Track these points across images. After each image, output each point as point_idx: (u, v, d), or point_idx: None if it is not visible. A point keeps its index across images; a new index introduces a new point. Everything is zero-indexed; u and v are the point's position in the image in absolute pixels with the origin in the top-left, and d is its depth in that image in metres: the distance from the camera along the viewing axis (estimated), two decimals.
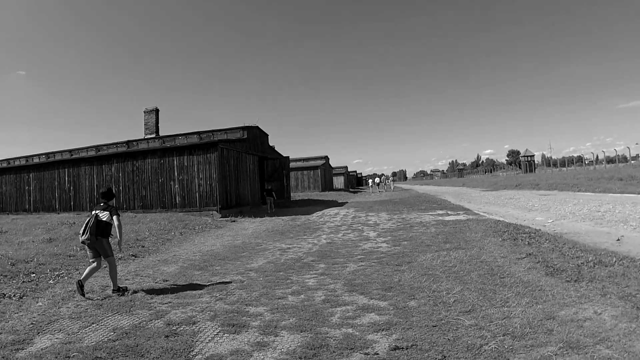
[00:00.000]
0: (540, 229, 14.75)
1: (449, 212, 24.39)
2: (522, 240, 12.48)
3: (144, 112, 39.00)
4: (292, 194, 54.62)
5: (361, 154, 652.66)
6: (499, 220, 18.07)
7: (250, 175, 34.62)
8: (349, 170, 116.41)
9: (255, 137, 36.87)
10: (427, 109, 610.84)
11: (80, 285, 9.01)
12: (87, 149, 39.59)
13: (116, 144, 38.26)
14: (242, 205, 31.63)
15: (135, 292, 9.20)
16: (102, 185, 31.19)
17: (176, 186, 28.88)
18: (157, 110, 38.97)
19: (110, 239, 9.74)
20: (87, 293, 9.15)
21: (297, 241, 16.16)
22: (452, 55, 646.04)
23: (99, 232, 9.36)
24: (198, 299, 8.37)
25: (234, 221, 25.66)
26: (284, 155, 44.44)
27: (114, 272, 9.46)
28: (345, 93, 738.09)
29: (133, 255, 14.14)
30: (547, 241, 12.00)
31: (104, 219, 9.45)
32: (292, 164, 65.87)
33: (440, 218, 21.15)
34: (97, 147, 38.81)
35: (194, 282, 9.98)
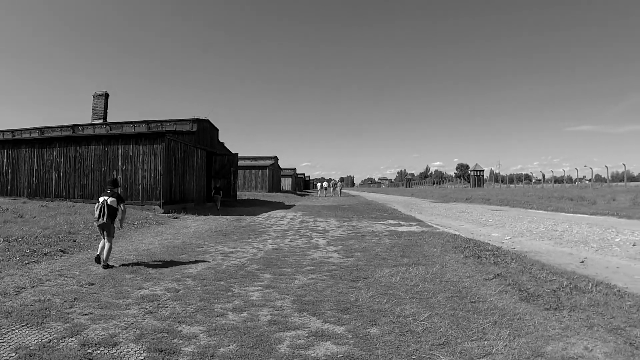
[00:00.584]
0: (500, 246, 14.08)
1: (401, 222, 23.59)
2: (486, 258, 11.68)
3: (93, 96, 37.26)
4: (239, 193, 53.57)
5: (310, 156, 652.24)
6: (455, 235, 17.43)
7: (197, 171, 33.17)
8: (297, 172, 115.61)
9: (205, 131, 35.51)
10: (379, 118, 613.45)
11: (97, 259, 11.27)
12: (30, 130, 37.55)
13: (61, 127, 36.43)
14: (186, 201, 30.30)
15: (120, 265, 10.92)
16: (42, 169, 30.07)
17: (119, 176, 27.23)
18: (107, 95, 37.31)
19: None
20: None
21: (241, 244, 15.00)
22: (407, 67, 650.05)
23: (109, 216, 11.36)
24: (124, 311, 7.18)
25: (176, 218, 24.39)
26: (233, 152, 43.12)
27: (109, 250, 11.19)
28: (297, 94, 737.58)
29: (61, 251, 12.80)
30: (514, 261, 11.29)
31: (113, 205, 11.48)
32: (240, 162, 64.41)
33: (393, 228, 20.29)
34: (41, 129, 36.84)
35: (124, 287, 8.75)
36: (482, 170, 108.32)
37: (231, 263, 11.52)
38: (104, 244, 11.07)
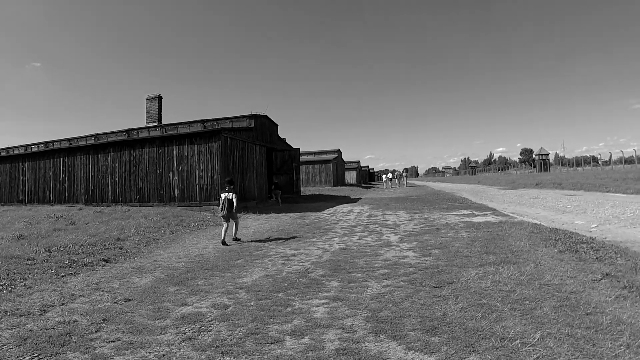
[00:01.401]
0: (595, 237, 12.28)
1: (474, 212, 21.93)
2: (585, 252, 9.99)
3: (147, 99, 36.82)
4: (302, 189, 52.16)
5: (373, 149, 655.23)
6: (537, 224, 15.67)
7: (256, 168, 31.92)
8: (361, 165, 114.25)
9: (263, 127, 34.27)
10: (440, 107, 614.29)
11: (224, 242, 14.49)
12: (85, 137, 37.34)
13: (116, 132, 35.99)
14: (247, 200, 29.05)
15: (166, 276, 10.10)
16: (97, 175, 29.71)
17: (175, 178, 26.44)
18: (160, 98, 36.78)
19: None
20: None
21: (304, 245, 13.63)
22: (467, 54, 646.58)
23: (230, 207, 15.22)
24: (159, 336, 5.90)
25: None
26: (295, 147, 41.78)
27: (237, 227, 15.85)
28: (358, 89, 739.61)
29: (104, 260, 11.74)
30: (619, 255, 9.46)
31: (232, 199, 15.25)
32: (303, 157, 63.92)
33: (468, 219, 18.70)
34: (96, 136, 36.70)
35: (164, 303, 7.48)
36: (547, 154, 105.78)
37: (293, 268, 10.14)
38: (227, 227, 15.00)
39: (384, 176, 79.59)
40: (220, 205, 15.33)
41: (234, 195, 15.26)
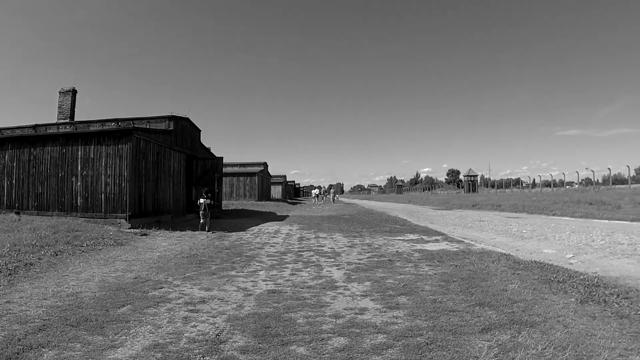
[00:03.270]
0: (599, 276, 9.73)
1: (423, 236, 19.20)
2: (618, 304, 7.45)
3: (60, 92, 32.74)
4: (225, 202, 49.20)
5: (299, 164, 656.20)
6: (510, 255, 13.17)
7: (174, 177, 28.38)
8: (287, 180, 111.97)
9: (184, 131, 30.66)
10: (367, 124, 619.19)
11: (206, 230, 22.20)
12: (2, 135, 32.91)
13: (21, 127, 31.85)
14: (160, 213, 25.59)
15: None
16: None
17: (78, 183, 22.67)
18: (74, 91, 32.73)
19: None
20: None
21: (219, 282, 10.16)
22: (396, 72, 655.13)
23: (208, 209, 22.77)
24: None
25: (145, 234, 19.72)
26: (218, 156, 38.01)
27: (208, 223, 22.73)
28: (285, 100, 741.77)
29: None
30: None
31: (209, 203, 23.00)
32: (227, 169, 61.40)
33: (420, 246, 15.92)
34: (1, 131, 32.30)
35: None
36: (476, 176, 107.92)
37: (198, 330, 6.70)
38: (204, 222, 22.35)
39: (312, 192, 78.78)
40: (202, 208, 22.61)
41: (210, 200, 23.32)
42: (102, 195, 22.19)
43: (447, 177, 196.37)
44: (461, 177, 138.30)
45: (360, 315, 7.35)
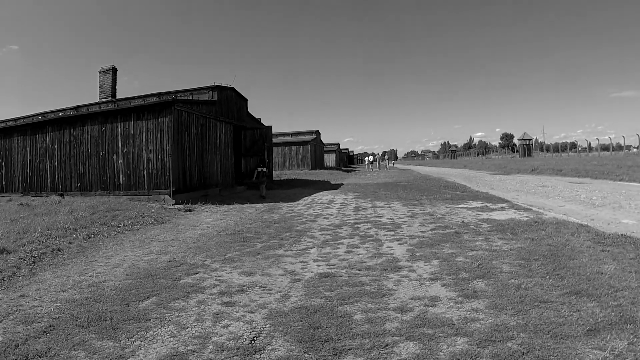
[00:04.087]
0: None
1: (487, 204, 17.64)
2: None
3: (99, 72, 31.95)
4: (278, 172, 48.67)
5: (352, 132, 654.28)
6: (589, 227, 11.55)
7: (221, 148, 27.13)
8: (340, 147, 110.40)
9: (229, 101, 29.31)
10: (420, 89, 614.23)
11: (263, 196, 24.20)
12: (31, 117, 32.16)
13: (64, 109, 31.10)
14: (208, 186, 24.47)
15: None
16: (35, 159, 24.98)
17: (120, 161, 21.70)
18: (114, 70, 31.86)
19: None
20: None
21: (264, 264, 8.86)
22: (447, 38, 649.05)
23: (263, 176, 25.05)
24: None
25: (190, 210, 18.55)
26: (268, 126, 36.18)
27: (264, 188, 25.00)
28: (337, 69, 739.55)
29: None
30: None
31: (264, 170, 25.38)
32: (279, 139, 61.13)
33: (486, 216, 14.42)
34: (43, 115, 31.51)
35: None
36: (531, 139, 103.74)
37: (229, 332, 5.39)
38: (263, 187, 25.01)
39: (366, 159, 77.28)
40: (255, 176, 25.55)
41: (265, 168, 25.91)
42: (145, 172, 21.16)
43: (500, 142, 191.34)
44: (515, 141, 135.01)
45: (432, 307, 5.92)
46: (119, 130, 21.81)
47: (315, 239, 11.41)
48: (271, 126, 34.37)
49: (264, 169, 25.96)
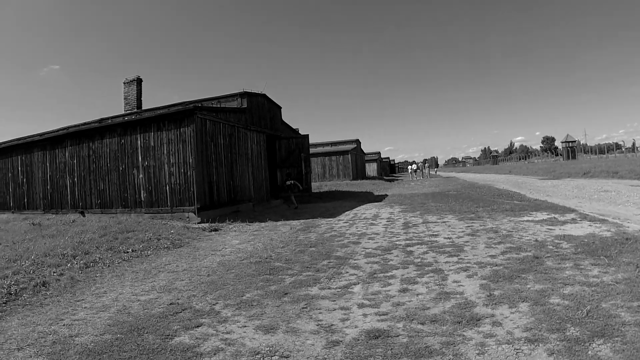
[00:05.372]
0: None
1: (554, 215, 15.28)
2: None
3: (124, 83, 30.53)
4: (317, 184, 46.76)
5: (392, 141, 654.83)
6: None
7: (252, 160, 24.84)
8: (381, 156, 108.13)
9: (261, 109, 26.98)
10: (459, 97, 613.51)
11: (295, 206, 25.28)
12: (53, 132, 30.59)
13: (88, 122, 29.43)
14: (238, 201, 22.30)
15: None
16: (55, 175, 23.45)
17: (140, 176, 19.77)
18: (139, 80, 30.34)
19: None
20: None
21: (291, 313, 6.56)
22: (483, 42, 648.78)
23: (294, 188, 26.32)
24: None
25: (216, 230, 16.31)
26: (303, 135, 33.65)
27: (294, 198, 26.05)
28: (375, 77, 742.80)
29: None
30: None
31: (294, 183, 26.24)
32: (318, 149, 59.51)
33: (560, 231, 12.12)
34: (67, 129, 29.94)
35: None
36: (574, 141, 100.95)
37: None
38: (293, 197, 26.21)
39: (409, 167, 75.76)
40: (286, 189, 26.57)
41: (293, 181, 26.54)
42: (167, 187, 19.15)
43: (542, 145, 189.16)
44: (557, 143, 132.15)
45: None
46: (139, 142, 19.93)
47: (360, 270, 9.07)
48: (308, 135, 32.16)
49: (292, 182, 27.50)
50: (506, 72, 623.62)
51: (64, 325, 6.52)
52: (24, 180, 25.59)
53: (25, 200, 25.51)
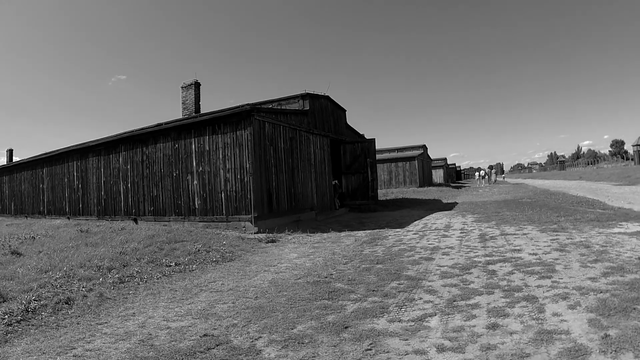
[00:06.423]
0: None
1: None
2: None
3: (182, 87, 29.66)
4: (384, 191, 45.82)
5: (458, 147, 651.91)
6: None
7: (316, 166, 23.56)
8: (447, 163, 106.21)
9: (324, 111, 25.76)
10: (524, 100, 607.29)
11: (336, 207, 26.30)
12: (108, 137, 30.31)
13: (147, 127, 28.76)
14: (300, 210, 21.03)
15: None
16: (109, 181, 23.14)
17: (194, 182, 18.87)
18: (197, 84, 29.38)
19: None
20: None
21: (348, 356, 5.21)
22: (545, 45, 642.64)
23: (336, 194, 26.49)
24: None
25: (273, 241, 15.06)
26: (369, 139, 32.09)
27: (334, 201, 26.11)
28: (440, 82, 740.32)
29: None
30: None
31: (335, 182, 26.68)
32: (383, 155, 58.05)
33: None
34: (123, 134, 29.59)
35: None
36: None
37: None
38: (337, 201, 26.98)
39: (476, 174, 74.70)
40: (339, 195, 27.26)
41: (336, 181, 27.16)
42: (222, 195, 18.07)
43: (611, 149, 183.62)
44: (626, 147, 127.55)
45: None
46: (193, 146, 19.06)
47: (436, 295, 7.55)
48: (374, 139, 30.64)
49: (335, 182, 27.62)
50: (574, 74, 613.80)
51: (72, 356, 5.52)
52: (79, 185, 25.49)
53: (80, 206, 25.36)
